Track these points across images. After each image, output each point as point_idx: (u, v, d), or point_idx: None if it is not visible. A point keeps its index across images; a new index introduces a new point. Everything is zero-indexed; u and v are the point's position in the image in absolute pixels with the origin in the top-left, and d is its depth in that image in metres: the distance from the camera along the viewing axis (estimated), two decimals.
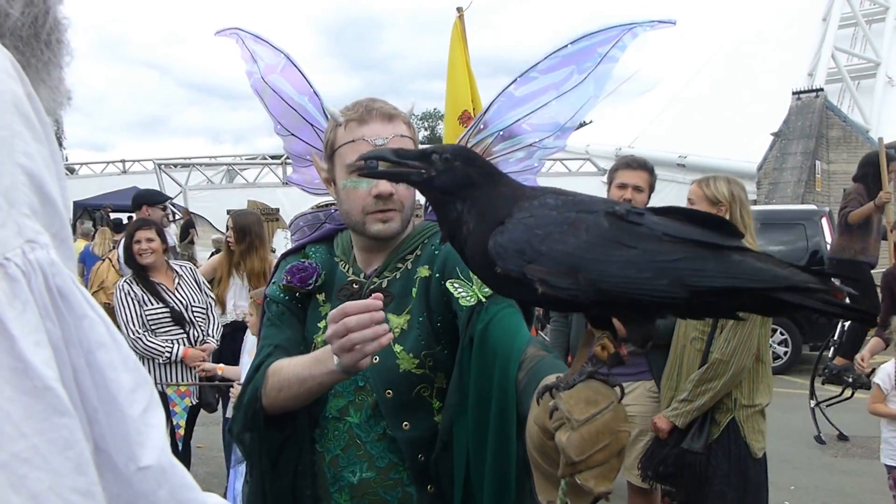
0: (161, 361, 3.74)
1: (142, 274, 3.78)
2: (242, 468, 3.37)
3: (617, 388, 0.82)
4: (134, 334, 3.66)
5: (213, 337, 3.93)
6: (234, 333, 4.22)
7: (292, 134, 1.73)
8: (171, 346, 3.75)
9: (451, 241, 0.92)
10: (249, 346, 3.56)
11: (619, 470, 0.80)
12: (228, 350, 4.11)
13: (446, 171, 0.91)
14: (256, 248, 4.33)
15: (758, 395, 2.81)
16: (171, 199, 5.51)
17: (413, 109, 1.48)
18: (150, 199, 5.34)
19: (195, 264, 5.29)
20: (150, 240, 3.77)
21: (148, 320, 3.74)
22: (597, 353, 0.81)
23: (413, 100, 1.47)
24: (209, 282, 4.25)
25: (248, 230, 4.31)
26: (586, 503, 0.81)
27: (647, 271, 0.79)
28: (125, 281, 3.82)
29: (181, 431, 3.76)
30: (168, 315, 3.77)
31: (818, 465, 5.18)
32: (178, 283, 3.86)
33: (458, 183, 0.90)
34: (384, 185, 1.37)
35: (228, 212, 5.39)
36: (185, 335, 3.81)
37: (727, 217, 2.78)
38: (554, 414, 0.80)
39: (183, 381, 3.79)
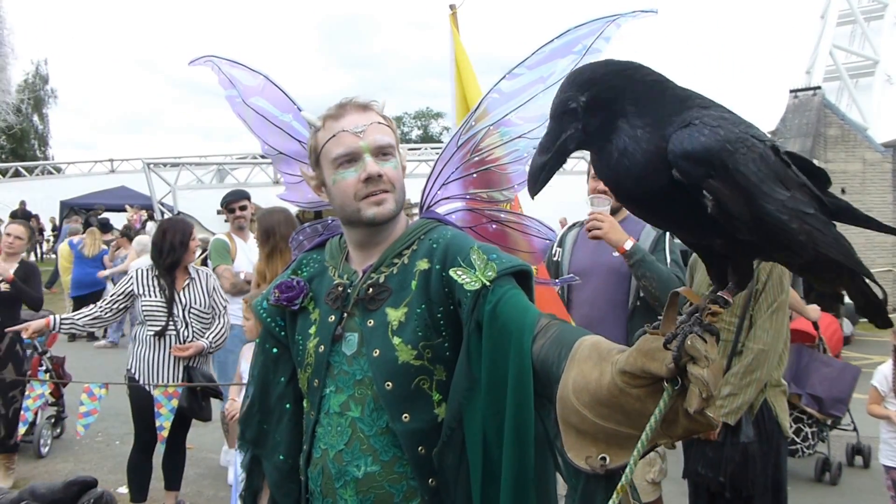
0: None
1: (169, 270, 4.03)
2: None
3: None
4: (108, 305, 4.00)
5: (208, 340, 4.05)
6: None
7: (280, 153, 1.77)
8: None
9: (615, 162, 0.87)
10: (248, 352, 3.52)
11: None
12: None
13: (590, 111, 0.88)
14: (281, 251, 3.80)
15: (780, 374, 2.86)
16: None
17: (384, 106, 1.51)
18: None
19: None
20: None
21: (143, 310, 3.93)
22: (713, 321, 0.87)
23: (384, 98, 1.51)
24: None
25: (273, 231, 3.82)
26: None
27: (794, 221, 0.80)
28: (147, 268, 4.07)
29: (164, 433, 3.75)
30: (163, 309, 3.95)
31: (799, 474, 5.09)
32: (188, 285, 4.07)
33: (607, 117, 0.87)
34: (372, 167, 1.41)
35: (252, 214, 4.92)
36: (174, 331, 3.96)
37: None
38: (683, 352, 0.84)
39: (172, 381, 3.89)
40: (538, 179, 0.94)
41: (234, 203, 4.94)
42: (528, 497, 1.21)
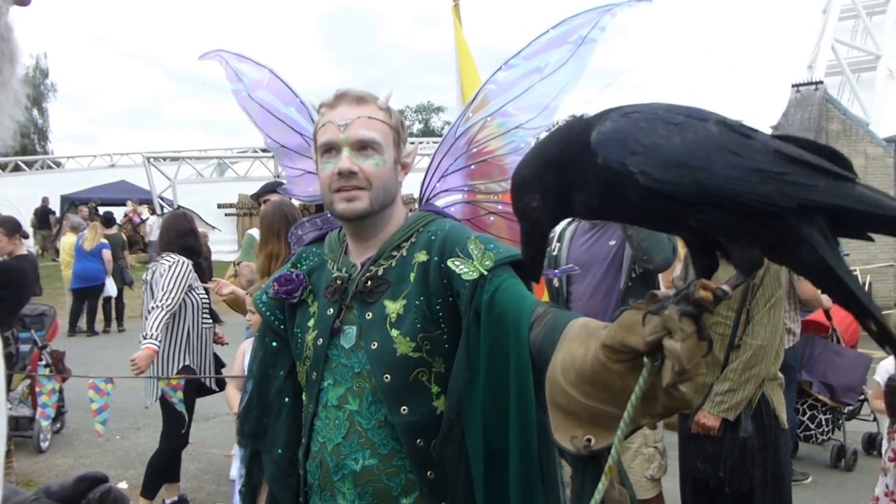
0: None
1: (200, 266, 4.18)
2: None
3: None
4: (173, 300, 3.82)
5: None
6: None
7: (283, 146, 1.78)
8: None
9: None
10: (248, 346, 3.49)
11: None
12: None
13: (542, 199, 0.94)
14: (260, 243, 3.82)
15: (776, 368, 2.86)
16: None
17: (388, 98, 1.50)
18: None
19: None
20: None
21: (203, 302, 3.96)
22: (702, 297, 0.82)
23: (389, 90, 1.49)
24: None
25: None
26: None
27: (754, 176, 0.79)
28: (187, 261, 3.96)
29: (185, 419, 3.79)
30: (207, 299, 4.07)
31: (819, 461, 5.14)
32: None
33: (557, 195, 0.93)
34: (344, 163, 1.40)
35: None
36: (212, 324, 4.09)
37: None
38: (659, 324, 0.83)
39: (216, 370, 3.99)
40: (535, 269, 1.05)
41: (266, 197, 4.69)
42: (535, 484, 1.21)
